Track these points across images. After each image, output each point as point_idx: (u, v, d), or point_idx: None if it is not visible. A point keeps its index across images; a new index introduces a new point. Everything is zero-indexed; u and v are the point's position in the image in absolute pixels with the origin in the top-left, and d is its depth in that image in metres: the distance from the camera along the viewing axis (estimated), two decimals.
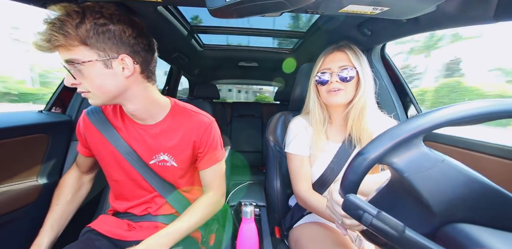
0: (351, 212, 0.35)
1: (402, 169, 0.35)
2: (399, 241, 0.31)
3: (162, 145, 0.72)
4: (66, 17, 0.51)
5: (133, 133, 0.72)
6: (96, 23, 0.53)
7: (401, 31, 0.94)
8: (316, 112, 0.82)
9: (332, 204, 0.45)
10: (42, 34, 0.50)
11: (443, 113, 0.34)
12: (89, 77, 0.56)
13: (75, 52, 0.53)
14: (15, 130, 0.76)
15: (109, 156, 0.73)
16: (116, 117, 0.73)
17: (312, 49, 1.53)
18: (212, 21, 1.37)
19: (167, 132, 0.73)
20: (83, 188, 0.86)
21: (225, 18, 0.62)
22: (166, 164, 0.74)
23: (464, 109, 0.33)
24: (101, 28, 0.53)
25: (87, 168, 0.85)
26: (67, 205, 0.80)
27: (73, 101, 1.02)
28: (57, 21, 0.50)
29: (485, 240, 0.28)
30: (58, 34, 0.50)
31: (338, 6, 0.65)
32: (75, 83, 0.57)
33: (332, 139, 0.83)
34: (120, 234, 0.72)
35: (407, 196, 0.37)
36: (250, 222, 0.69)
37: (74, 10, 0.52)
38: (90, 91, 0.58)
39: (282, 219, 0.96)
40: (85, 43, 0.53)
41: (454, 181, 0.33)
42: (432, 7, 0.67)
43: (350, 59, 0.74)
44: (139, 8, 0.92)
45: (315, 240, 0.72)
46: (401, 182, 0.36)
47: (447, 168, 0.34)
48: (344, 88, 0.74)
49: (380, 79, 1.25)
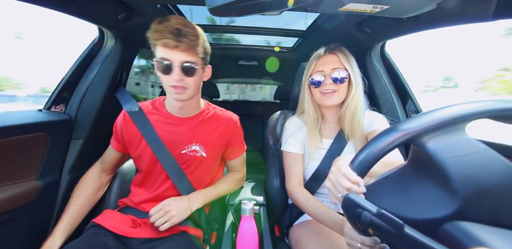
0: (350, 210, 0.36)
1: (436, 150, 0.35)
2: (399, 238, 0.32)
3: (195, 136, 0.83)
4: (196, 32, 0.71)
5: (170, 126, 0.83)
6: (205, 43, 0.76)
7: (401, 29, 0.94)
8: (310, 113, 0.86)
9: (337, 177, 0.44)
10: (181, 37, 0.66)
11: (501, 104, 0.33)
12: (194, 77, 0.74)
13: (196, 58, 0.72)
14: (13, 129, 0.76)
15: (140, 147, 0.82)
16: (156, 112, 0.85)
17: (312, 47, 1.53)
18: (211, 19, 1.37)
19: (201, 125, 0.85)
20: (101, 190, 0.89)
21: (224, 16, 0.62)
22: (196, 154, 0.83)
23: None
24: (206, 45, 0.76)
25: (111, 165, 0.90)
26: (84, 206, 0.82)
27: (73, 100, 1.02)
28: (193, 32, 0.69)
29: (485, 238, 0.28)
30: (196, 44, 0.70)
31: (338, 5, 0.65)
32: (182, 79, 0.71)
33: (325, 136, 0.87)
34: (125, 230, 0.73)
35: (426, 179, 0.36)
36: (250, 220, 0.69)
37: (198, 28, 0.72)
38: (189, 87, 0.74)
39: (281, 217, 0.97)
40: (201, 54, 0.73)
41: (494, 170, 0.33)
42: (432, 5, 0.66)
43: (341, 61, 0.78)
44: (138, 6, 0.91)
45: (315, 238, 0.72)
46: (427, 164, 0.35)
47: (489, 156, 0.33)
48: (337, 89, 0.77)
49: (380, 77, 1.24)
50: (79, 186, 0.85)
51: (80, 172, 0.99)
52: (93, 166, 0.90)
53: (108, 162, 0.89)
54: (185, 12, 1.24)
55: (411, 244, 0.31)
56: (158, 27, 0.67)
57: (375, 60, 1.26)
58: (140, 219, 0.78)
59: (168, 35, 0.66)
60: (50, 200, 0.91)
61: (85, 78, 1.04)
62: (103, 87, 1.04)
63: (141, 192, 0.84)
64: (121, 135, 0.84)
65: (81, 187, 0.84)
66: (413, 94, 1.21)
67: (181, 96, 0.74)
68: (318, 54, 0.84)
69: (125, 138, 0.84)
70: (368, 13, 0.70)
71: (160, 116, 0.84)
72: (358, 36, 1.12)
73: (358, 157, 0.38)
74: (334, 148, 0.83)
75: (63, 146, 0.96)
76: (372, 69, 1.26)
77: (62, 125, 0.94)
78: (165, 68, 0.70)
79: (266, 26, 1.46)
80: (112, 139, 0.89)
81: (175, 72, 0.70)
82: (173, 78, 0.70)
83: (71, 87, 1.03)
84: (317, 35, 1.32)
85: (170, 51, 0.68)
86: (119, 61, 1.08)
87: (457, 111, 0.35)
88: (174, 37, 0.66)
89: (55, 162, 0.93)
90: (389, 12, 0.70)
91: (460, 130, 0.35)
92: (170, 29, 0.66)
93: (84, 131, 1.00)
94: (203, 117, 0.86)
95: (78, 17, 0.83)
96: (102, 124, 1.07)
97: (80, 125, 1.00)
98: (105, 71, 1.05)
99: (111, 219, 0.76)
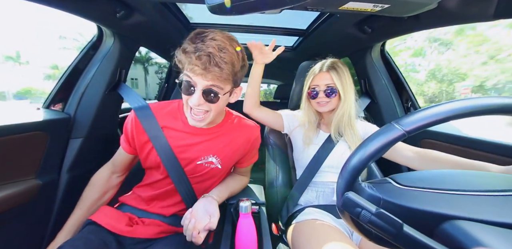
0: (349, 210, 0.36)
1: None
2: (398, 238, 0.32)
3: (214, 147, 0.79)
4: (233, 56, 0.63)
5: (186, 135, 0.78)
6: (243, 63, 0.68)
7: (402, 28, 0.94)
8: (309, 114, 1.02)
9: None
10: (210, 66, 0.60)
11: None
12: (219, 102, 0.67)
13: (223, 84, 0.65)
14: (12, 127, 0.75)
15: (150, 154, 0.78)
16: (174, 116, 0.79)
17: (312, 46, 1.53)
18: (211, 18, 1.36)
19: (220, 136, 0.80)
20: (108, 193, 0.85)
21: (224, 15, 0.61)
22: (211, 166, 0.80)
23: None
24: (243, 68, 0.69)
25: (122, 167, 0.85)
26: (89, 210, 0.80)
27: (72, 98, 1.01)
28: (228, 58, 0.61)
29: (484, 237, 0.28)
30: (228, 72, 0.62)
31: (338, 3, 0.65)
32: (202, 103, 0.66)
33: (322, 129, 1.04)
34: (121, 229, 0.72)
35: None
36: (248, 217, 0.69)
37: (236, 52, 0.64)
38: (210, 110, 0.68)
39: (280, 216, 0.97)
40: (232, 79, 0.66)
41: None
42: (433, 4, 0.66)
43: (333, 79, 0.93)
44: (137, 4, 0.91)
45: (313, 236, 0.72)
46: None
47: None
48: (329, 101, 0.95)
49: (380, 77, 1.24)
50: (88, 188, 0.82)
51: (79, 171, 0.99)
52: (104, 166, 0.86)
53: (119, 164, 0.85)
54: (184, 11, 1.23)
55: (410, 243, 0.31)
56: (189, 48, 0.61)
57: (375, 60, 1.26)
58: (137, 218, 0.78)
59: (196, 62, 0.60)
60: (49, 199, 0.91)
61: (84, 76, 1.04)
62: (102, 86, 1.04)
63: (142, 191, 0.83)
64: (132, 138, 0.78)
65: (90, 190, 0.81)
66: (413, 93, 1.21)
67: (198, 123, 0.70)
68: (314, 71, 0.98)
69: (136, 140, 0.78)
70: (369, 12, 0.70)
71: (177, 123, 0.78)
72: (358, 36, 1.12)
73: (410, 117, 0.37)
74: (325, 145, 0.97)
75: (62, 145, 0.95)
76: (372, 68, 1.26)
77: (61, 123, 0.94)
78: (187, 89, 0.65)
79: (266, 25, 1.45)
80: (122, 141, 0.82)
81: (195, 96, 0.64)
82: (193, 102, 0.65)
83: (70, 86, 1.02)
84: (317, 34, 1.31)
85: (195, 76, 0.63)
86: (118, 59, 1.07)
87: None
88: (202, 65, 0.59)
89: (54, 160, 0.93)
90: (390, 11, 0.70)
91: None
92: (201, 53, 0.59)
93: (83, 129, 1.00)
94: (224, 127, 0.81)
95: (77, 15, 0.83)
96: (101, 123, 1.07)
97: (79, 124, 1.00)
98: (104, 69, 1.05)
99: (108, 216, 0.75)
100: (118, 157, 0.85)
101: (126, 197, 0.85)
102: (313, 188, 0.96)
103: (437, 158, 0.75)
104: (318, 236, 0.72)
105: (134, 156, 0.84)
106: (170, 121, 0.78)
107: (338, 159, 0.94)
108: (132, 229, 0.73)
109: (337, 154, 0.94)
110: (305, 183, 0.95)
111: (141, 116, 0.78)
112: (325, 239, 0.69)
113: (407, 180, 0.39)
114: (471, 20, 0.70)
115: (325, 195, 0.94)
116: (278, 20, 1.43)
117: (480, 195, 0.34)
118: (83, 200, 0.80)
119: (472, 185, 0.36)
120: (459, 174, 0.40)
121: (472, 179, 0.38)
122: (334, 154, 0.94)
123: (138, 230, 0.73)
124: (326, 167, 0.94)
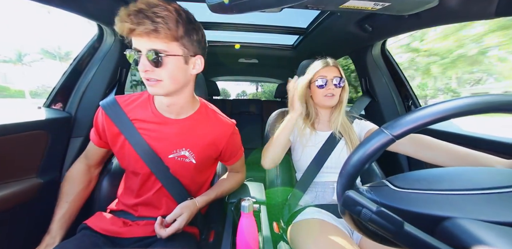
0: (349, 208, 0.36)
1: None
2: (398, 236, 0.32)
3: (185, 140, 0.74)
4: (169, 13, 0.56)
5: (157, 126, 0.73)
6: (189, 25, 0.61)
7: (402, 27, 0.93)
8: (307, 108, 1.02)
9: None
10: (141, 19, 0.54)
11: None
12: (168, 68, 0.61)
13: (167, 45, 0.59)
14: (13, 126, 0.75)
15: (124, 149, 0.74)
16: (142, 107, 0.75)
17: (312, 45, 1.52)
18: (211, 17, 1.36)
19: (192, 128, 0.75)
20: (92, 182, 0.84)
21: (224, 13, 0.61)
22: (185, 160, 0.75)
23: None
24: (192, 31, 0.62)
25: (96, 160, 0.83)
26: (76, 201, 0.78)
27: (73, 97, 1.01)
28: (162, 13, 0.55)
29: (485, 235, 0.28)
30: (164, 26, 0.55)
31: (338, 2, 0.65)
32: (149, 70, 0.60)
33: (320, 129, 1.02)
34: (116, 231, 0.71)
35: None
36: (249, 216, 0.69)
37: (175, 8, 0.58)
38: (162, 79, 0.62)
39: (281, 215, 0.97)
40: (177, 40, 0.60)
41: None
42: (434, 2, 0.66)
43: (340, 72, 0.96)
44: None
45: (313, 235, 0.73)
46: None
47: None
48: (336, 93, 0.95)
49: (380, 75, 1.24)
50: (67, 183, 0.78)
51: None
52: (77, 160, 0.83)
53: (92, 158, 0.82)
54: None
55: (410, 242, 0.31)
56: (121, 12, 0.56)
57: (376, 58, 1.25)
58: (131, 222, 0.76)
59: (126, 18, 0.55)
60: (51, 198, 0.91)
61: (85, 75, 1.04)
62: (103, 85, 1.04)
63: (130, 194, 0.79)
64: (103, 130, 0.74)
65: (70, 183, 0.79)
66: (413, 92, 1.21)
67: (154, 89, 0.64)
68: (319, 65, 0.96)
69: (107, 133, 0.74)
70: (369, 10, 0.69)
71: (147, 113, 0.73)
72: (359, 34, 1.12)
73: (397, 121, 0.37)
74: (328, 143, 0.97)
75: (63, 144, 0.96)
76: (372, 67, 1.25)
77: (62, 122, 0.94)
78: (133, 58, 0.61)
79: (266, 24, 1.45)
80: (92, 133, 0.78)
81: (140, 62, 0.60)
82: (140, 68, 0.60)
83: (71, 85, 1.02)
84: (317, 33, 1.31)
85: (135, 38, 0.58)
86: (118, 59, 1.07)
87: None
88: (134, 19, 0.54)
89: (55, 159, 0.93)
90: (390, 10, 0.69)
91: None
92: (131, 11, 0.55)
93: (84, 128, 1.00)
94: (196, 120, 0.76)
95: (77, 13, 0.83)
96: None
97: (80, 123, 1.00)
98: (104, 68, 1.05)
99: (102, 221, 0.74)
100: (89, 151, 0.81)
101: (117, 202, 0.82)
102: (313, 188, 0.96)
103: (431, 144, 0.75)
104: (319, 235, 0.72)
105: (106, 150, 0.81)
106: (140, 112, 0.74)
107: (338, 159, 0.94)
108: (127, 229, 0.72)
109: (336, 154, 0.94)
110: (307, 184, 0.95)
111: (109, 110, 0.73)
112: (325, 238, 0.70)
113: (404, 181, 0.39)
114: (472, 18, 0.70)
115: (325, 195, 0.94)
116: (278, 19, 1.43)
117: (477, 193, 0.34)
118: (66, 194, 0.77)
119: (469, 183, 0.36)
120: (456, 172, 0.40)
121: (470, 177, 0.38)
122: (334, 154, 0.94)
123: (133, 231, 0.72)
124: (326, 167, 0.94)
